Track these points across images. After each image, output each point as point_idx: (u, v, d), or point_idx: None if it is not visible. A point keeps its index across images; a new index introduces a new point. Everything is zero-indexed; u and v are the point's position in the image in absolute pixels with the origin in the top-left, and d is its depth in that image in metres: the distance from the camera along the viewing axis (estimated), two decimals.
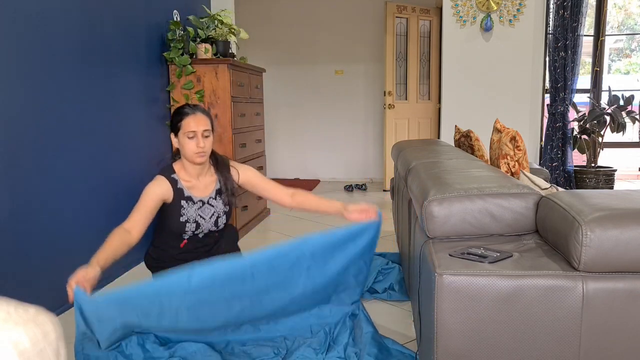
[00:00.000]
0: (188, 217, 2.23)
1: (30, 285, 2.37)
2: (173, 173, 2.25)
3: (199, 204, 2.25)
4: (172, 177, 2.23)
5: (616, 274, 1.30)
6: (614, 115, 5.07)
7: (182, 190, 2.23)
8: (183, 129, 2.16)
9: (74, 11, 2.68)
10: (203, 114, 2.20)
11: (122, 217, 3.12)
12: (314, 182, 6.61)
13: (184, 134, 2.15)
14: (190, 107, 2.20)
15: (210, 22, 3.85)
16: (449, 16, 5.04)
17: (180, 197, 2.22)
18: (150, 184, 2.21)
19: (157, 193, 2.17)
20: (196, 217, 2.24)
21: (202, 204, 2.25)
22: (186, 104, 2.24)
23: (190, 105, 2.23)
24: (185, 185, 2.24)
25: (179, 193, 2.22)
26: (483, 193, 1.57)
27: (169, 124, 2.25)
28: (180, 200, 2.22)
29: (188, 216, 2.23)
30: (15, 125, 2.28)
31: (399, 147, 3.13)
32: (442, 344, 1.35)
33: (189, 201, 2.23)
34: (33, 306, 0.87)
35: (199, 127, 2.16)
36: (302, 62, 6.72)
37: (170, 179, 2.22)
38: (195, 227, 2.25)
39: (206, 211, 2.26)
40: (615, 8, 7.77)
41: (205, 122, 2.19)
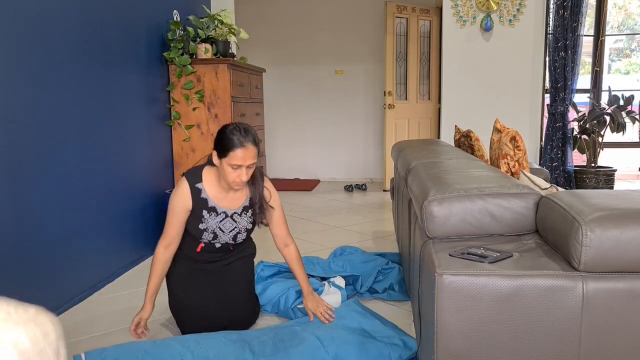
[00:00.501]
0: (207, 226, 2.18)
1: (30, 285, 2.37)
2: (199, 181, 2.15)
3: (222, 215, 2.18)
4: (197, 186, 2.14)
5: (616, 274, 1.30)
6: (614, 115, 5.07)
7: (206, 201, 2.15)
8: (229, 158, 2.01)
9: (74, 11, 2.68)
10: (253, 145, 2.03)
11: (122, 217, 3.13)
12: (314, 182, 6.61)
13: (229, 163, 2.02)
14: (243, 136, 2.01)
15: (210, 22, 3.86)
16: (449, 16, 5.04)
17: (202, 207, 2.15)
18: (174, 194, 2.15)
19: (181, 207, 2.14)
20: (215, 228, 2.19)
21: (224, 217, 2.18)
22: (237, 127, 2.03)
23: (241, 130, 2.02)
24: (211, 195, 2.16)
25: (202, 203, 2.15)
26: (483, 193, 1.57)
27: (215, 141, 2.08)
28: (202, 210, 2.16)
29: (207, 225, 2.18)
30: (15, 125, 2.28)
31: (399, 147, 3.13)
32: (442, 344, 1.35)
33: (211, 212, 2.16)
34: (33, 306, 0.87)
35: (246, 162, 2.02)
36: (302, 62, 6.72)
37: (193, 189, 2.14)
38: (212, 237, 2.21)
39: (227, 225, 2.20)
40: (615, 8, 7.76)
41: (253, 154, 2.03)
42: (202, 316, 2.23)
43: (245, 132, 2.02)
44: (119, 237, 3.11)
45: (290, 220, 4.52)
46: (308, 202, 5.39)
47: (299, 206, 5.15)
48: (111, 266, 3.03)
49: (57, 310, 2.53)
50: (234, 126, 2.04)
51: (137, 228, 3.31)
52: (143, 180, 3.40)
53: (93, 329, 2.38)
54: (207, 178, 2.17)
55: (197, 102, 3.71)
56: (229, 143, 2.00)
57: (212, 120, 3.72)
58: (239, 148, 1.99)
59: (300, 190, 6.09)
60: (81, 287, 2.74)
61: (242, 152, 2.00)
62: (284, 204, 5.25)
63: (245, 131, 2.02)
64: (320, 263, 3.00)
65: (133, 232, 3.27)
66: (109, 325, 2.41)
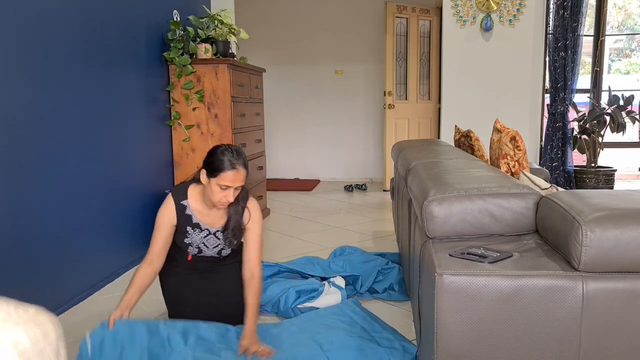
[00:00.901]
0: (192, 241, 2.22)
1: (30, 285, 2.37)
2: (184, 199, 2.17)
3: (205, 232, 2.21)
4: (182, 203, 2.16)
5: (616, 274, 1.30)
6: (614, 115, 5.07)
7: (191, 217, 2.18)
8: (218, 179, 2.01)
9: (74, 11, 2.68)
10: (244, 168, 2.04)
11: (122, 217, 3.13)
12: (314, 182, 6.61)
13: (218, 183, 2.02)
14: (235, 158, 2.02)
15: (210, 22, 3.85)
16: (449, 16, 5.04)
17: (186, 223, 2.18)
18: (160, 210, 2.17)
19: (165, 223, 2.16)
20: (200, 243, 2.22)
21: (208, 234, 2.21)
22: (229, 149, 2.04)
23: (233, 152, 2.03)
24: (195, 211, 2.18)
25: (186, 219, 2.18)
26: (483, 193, 1.57)
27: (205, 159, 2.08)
28: (187, 226, 2.18)
29: (192, 240, 2.22)
30: (15, 125, 2.28)
31: (399, 147, 3.13)
32: (442, 344, 1.35)
33: (195, 228, 2.19)
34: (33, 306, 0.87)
35: (235, 184, 2.03)
36: (302, 62, 6.72)
37: (179, 205, 2.16)
38: (197, 251, 2.25)
39: (211, 241, 2.23)
40: (615, 8, 7.77)
41: (242, 177, 2.04)
42: (197, 311, 2.23)
43: (237, 155, 2.04)
44: (119, 237, 3.11)
45: (290, 220, 4.53)
46: (308, 202, 5.39)
47: (299, 206, 5.15)
48: (111, 266, 3.03)
49: (57, 310, 2.52)
50: (226, 147, 2.06)
51: (137, 228, 3.31)
52: (143, 180, 3.40)
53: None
54: (192, 195, 2.18)
55: (197, 102, 3.71)
56: (220, 164, 2.01)
57: (212, 120, 3.72)
58: (230, 170, 2.00)
59: (300, 190, 6.09)
60: (81, 287, 2.74)
61: (232, 174, 2.01)
62: (284, 204, 5.26)
63: (237, 153, 2.04)
64: (320, 263, 3.00)
65: (133, 232, 3.27)
66: None
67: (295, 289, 2.50)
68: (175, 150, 3.78)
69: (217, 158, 2.02)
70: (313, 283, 2.60)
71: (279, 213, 4.82)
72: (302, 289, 2.52)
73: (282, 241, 3.83)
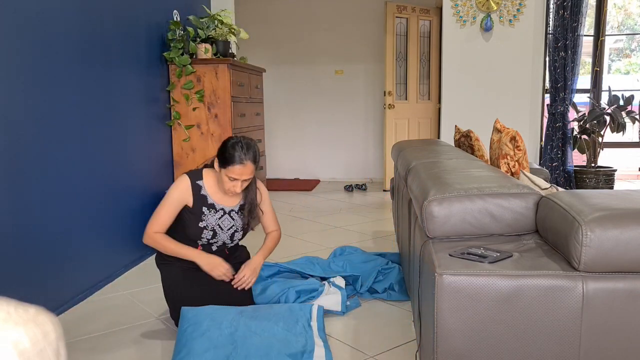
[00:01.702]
0: (207, 223, 2.25)
1: (30, 285, 2.37)
2: (200, 179, 2.25)
3: (221, 212, 2.27)
4: (197, 183, 2.24)
5: (616, 274, 1.30)
6: (614, 115, 5.07)
7: (206, 197, 2.25)
8: (228, 170, 2.14)
9: (74, 11, 2.68)
10: (252, 162, 2.16)
11: (122, 217, 3.13)
12: (314, 182, 6.61)
13: (227, 174, 2.15)
14: (244, 152, 2.14)
15: (210, 22, 3.86)
16: (449, 16, 5.04)
17: (202, 204, 2.24)
18: (173, 186, 2.24)
19: (176, 198, 2.23)
20: (215, 225, 2.27)
21: (223, 213, 2.28)
22: (240, 143, 2.16)
23: (243, 146, 2.15)
24: (210, 192, 2.25)
25: (202, 199, 2.24)
26: (483, 193, 1.57)
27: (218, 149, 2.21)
28: (202, 207, 2.24)
29: (207, 223, 2.25)
30: (15, 125, 2.28)
31: (399, 147, 3.13)
32: (442, 344, 1.35)
33: (211, 209, 2.25)
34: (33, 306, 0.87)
35: (242, 177, 2.16)
36: (302, 62, 6.72)
37: (194, 185, 2.24)
38: (212, 235, 2.27)
39: (226, 222, 2.29)
40: (615, 8, 7.77)
41: (250, 171, 2.17)
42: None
43: (247, 149, 2.15)
44: (119, 237, 3.11)
45: (291, 220, 4.53)
46: (308, 202, 5.39)
47: (299, 206, 5.15)
48: (111, 266, 3.03)
49: (57, 310, 2.53)
50: (237, 140, 2.17)
51: (137, 228, 3.31)
52: (143, 180, 3.40)
53: (93, 329, 2.38)
54: (207, 177, 2.27)
55: (197, 102, 3.71)
56: (230, 157, 2.13)
57: (212, 120, 3.73)
58: (238, 164, 2.13)
59: (300, 190, 6.09)
60: (81, 287, 2.74)
61: (240, 168, 2.13)
62: (284, 204, 5.26)
63: (247, 147, 2.15)
64: (320, 263, 3.00)
65: (133, 232, 3.27)
66: (109, 325, 2.41)
67: (295, 289, 2.50)
68: (175, 150, 3.78)
69: (228, 151, 2.14)
70: (313, 283, 2.60)
71: (279, 213, 4.82)
72: (302, 289, 2.52)
73: (282, 241, 3.83)
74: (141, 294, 2.81)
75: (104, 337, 2.29)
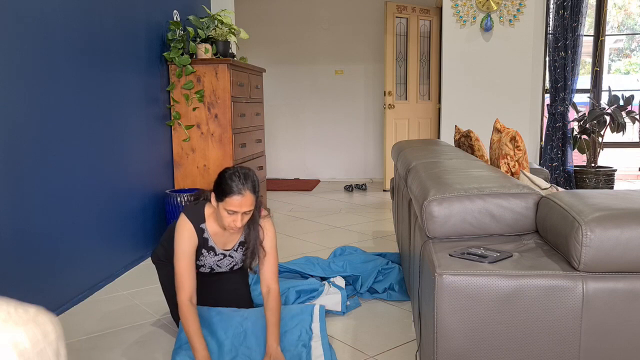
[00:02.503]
0: (205, 263, 2.19)
1: (30, 285, 2.37)
2: (202, 222, 2.10)
3: (220, 255, 2.18)
4: (201, 227, 2.10)
5: (616, 274, 1.30)
6: (614, 115, 5.07)
7: (207, 240, 2.13)
8: (225, 203, 1.95)
9: (74, 11, 2.68)
10: (252, 193, 1.96)
11: (122, 217, 3.13)
12: (314, 182, 6.61)
13: (225, 208, 1.96)
14: (242, 182, 1.94)
15: (210, 22, 3.86)
16: (449, 16, 5.04)
17: (202, 246, 2.13)
18: (180, 237, 2.06)
19: (190, 249, 2.06)
20: (212, 264, 2.21)
21: (223, 257, 2.19)
22: (237, 173, 1.97)
23: (240, 176, 1.96)
24: (212, 234, 2.12)
25: (203, 242, 2.13)
26: (483, 193, 1.57)
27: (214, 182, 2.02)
28: (202, 249, 2.14)
29: (205, 262, 2.19)
30: (16, 126, 2.28)
31: (399, 147, 3.13)
32: (442, 344, 1.35)
33: (210, 251, 2.15)
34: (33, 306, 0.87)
35: (242, 209, 1.96)
36: (302, 62, 6.72)
37: (198, 229, 2.09)
38: (209, 271, 2.24)
39: (224, 262, 2.21)
40: (615, 8, 7.77)
41: (250, 202, 1.96)
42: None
43: (245, 179, 1.96)
44: (119, 237, 3.11)
45: (291, 220, 4.53)
46: (308, 202, 5.39)
47: (299, 206, 5.15)
48: (111, 266, 3.03)
49: (57, 310, 2.53)
50: (234, 171, 1.99)
51: (137, 228, 3.31)
52: (143, 180, 3.40)
53: (93, 328, 2.38)
54: (209, 218, 2.12)
55: (197, 102, 3.71)
56: (227, 188, 1.94)
57: (212, 120, 3.72)
58: (236, 195, 1.93)
59: (300, 190, 6.08)
60: (81, 287, 2.74)
61: (239, 199, 1.93)
62: (284, 204, 5.26)
63: (245, 177, 1.96)
64: (320, 263, 3.00)
65: (133, 232, 3.27)
66: (109, 325, 2.41)
67: (295, 289, 2.50)
68: (175, 150, 3.78)
69: (224, 182, 1.96)
70: (313, 283, 2.60)
71: (279, 213, 4.82)
72: (302, 289, 2.52)
73: (282, 241, 3.83)
74: (141, 294, 2.81)
75: (104, 337, 2.29)
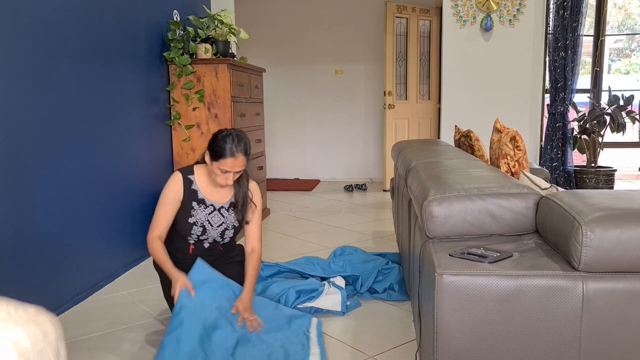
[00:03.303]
0: (197, 219, 2.25)
1: (30, 285, 2.37)
2: (191, 174, 2.26)
3: (210, 208, 2.27)
4: (189, 177, 2.26)
5: (616, 274, 1.30)
6: (614, 115, 5.07)
7: (196, 192, 2.25)
8: (219, 163, 2.13)
9: (75, 11, 2.68)
10: (244, 155, 2.14)
11: (122, 217, 3.13)
12: (314, 182, 6.61)
13: (219, 167, 2.14)
14: (235, 144, 2.12)
15: (210, 22, 3.85)
16: (449, 16, 5.04)
17: (192, 198, 2.24)
18: (166, 185, 2.25)
19: (171, 197, 2.23)
20: (204, 221, 2.26)
21: (212, 209, 2.27)
22: (231, 135, 2.13)
23: (234, 138, 2.13)
24: (201, 187, 2.26)
25: (192, 194, 2.25)
26: (483, 193, 1.57)
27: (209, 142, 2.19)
28: (192, 202, 2.24)
29: (197, 218, 2.25)
30: (16, 126, 2.28)
31: (399, 147, 3.13)
32: (442, 344, 1.35)
33: (200, 204, 2.25)
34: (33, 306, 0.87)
35: (234, 169, 2.15)
36: (302, 62, 6.72)
37: (186, 179, 2.25)
38: (201, 231, 2.26)
39: (215, 218, 2.28)
40: (615, 8, 7.77)
41: (242, 163, 2.15)
42: None
43: (238, 141, 2.14)
44: (119, 237, 3.11)
45: (291, 220, 4.53)
46: (308, 202, 5.39)
47: (299, 206, 5.15)
48: (111, 266, 3.03)
49: (57, 310, 2.53)
50: (228, 133, 2.16)
51: (137, 228, 3.31)
52: (143, 180, 3.40)
53: (93, 329, 2.38)
54: (198, 172, 2.28)
55: (197, 102, 3.71)
56: (221, 150, 2.12)
57: (212, 120, 3.72)
58: (230, 157, 2.12)
59: (300, 190, 6.08)
60: (81, 287, 2.74)
61: (231, 160, 2.12)
62: (284, 204, 5.26)
63: (238, 139, 2.14)
64: (320, 263, 3.00)
65: (133, 232, 3.27)
66: (109, 325, 2.41)
67: (295, 289, 2.50)
68: (175, 150, 3.78)
69: (219, 144, 2.13)
70: (313, 283, 2.60)
71: (279, 213, 4.82)
72: (302, 289, 2.52)
73: (282, 241, 3.83)
74: (141, 294, 2.81)
75: (104, 337, 2.30)
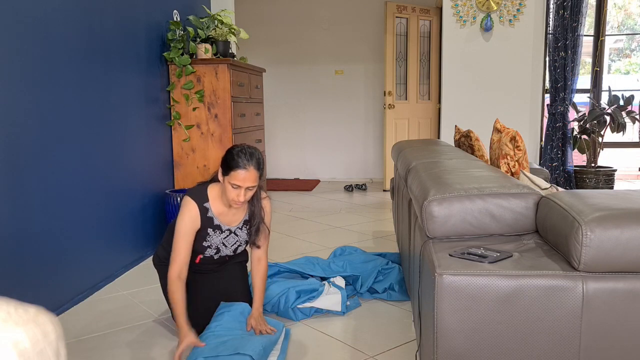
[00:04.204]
0: (211, 243, 2.25)
1: (30, 285, 2.37)
2: (206, 201, 2.21)
3: (226, 233, 2.26)
4: (204, 206, 2.20)
5: (616, 274, 1.30)
6: (614, 115, 5.07)
7: (212, 219, 2.22)
8: (230, 177, 2.09)
9: (75, 12, 2.68)
10: (256, 169, 2.11)
11: (122, 217, 3.13)
12: (314, 182, 6.61)
13: (230, 182, 2.10)
14: (247, 159, 2.09)
15: (210, 22, 3.86)
16: (449, 16, 5.04)
17: (208, 225, 2.22)
18: (183, 216, 2.17)
19: (189, 228, 2.17)
20: (219, 244, 2.27)
21: (228, 233, 2.27)
22: (244, 150, 2.11)
23: (247, 153, 2.11)
24: (216, 213, 2.22)
25: (208, 221, 2.22)
26: (483, 193, 1.57)
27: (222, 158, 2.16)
28: (208, 228, 2.22)
29: (211, 242, 2.25)
30: (16, 126, 2.28)
31: (399, 147, 3.13)
32: (442, 344, 1.35)
33: (216, 230, 2.24)
34: (33, 306, 0.87)
35: (246, 183, 2.09)
36: (302, 62, 6.72)
37: (202, 208, 2.20)
38: (215, 252, 2.28)
39: (230, 240, 2.29)
40: (615, 8, 7.77)
41: (254, 178, 2.11)
42: (200, 309, 2.25)
43: (250, 156, 2.11)
44: (119, 237, 3.11)
45: (291, 220, 4.53)
46: (308, 202, 5.39)
47: (299, 206, 5.15)
48: (111, 266, 3.03)
49: (57, 310, 2.53)
50: (241, 148, 2.14)
51: (137, 228, 3.31)
52: (143, 180, 3.40)
53: (93, 329, 2.38)
54: (212, 196, 2.23)
55: (197, 102, 3.71)
56: (233, 163, 2.09)
57: (212, 120, 3.72)
58: (241, 170, 2.08)
59: (300, 190, 6.08)
60: (81, 287, 2.74)
61: (243, 173, 2.08)
62: (283, 204, 5.27)
63: (250, 155, 2.11)
64: (320, 263, 3.00)
65: (133, 232, 3.27)
66: (109, 325, 2.41)
67: (295, 289, 2.50)
68: (175, 150, 3.79)
69: (231, 158, 2.11)
70: (313, 283, 2.60)
71: (279, 213, 4.82)
72: (302, 289, 2.52)
73: (282, 241, 3.83)
74: (141, 294, 2.81)
75: (104, 337, 2.30)
